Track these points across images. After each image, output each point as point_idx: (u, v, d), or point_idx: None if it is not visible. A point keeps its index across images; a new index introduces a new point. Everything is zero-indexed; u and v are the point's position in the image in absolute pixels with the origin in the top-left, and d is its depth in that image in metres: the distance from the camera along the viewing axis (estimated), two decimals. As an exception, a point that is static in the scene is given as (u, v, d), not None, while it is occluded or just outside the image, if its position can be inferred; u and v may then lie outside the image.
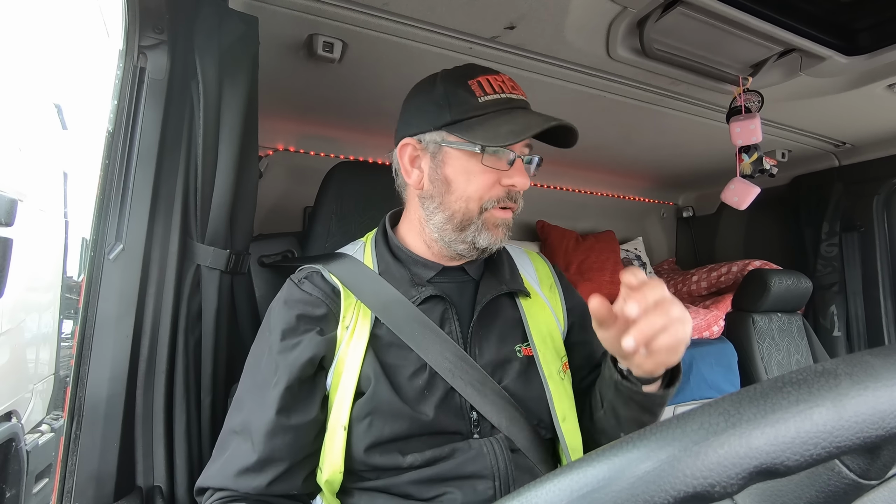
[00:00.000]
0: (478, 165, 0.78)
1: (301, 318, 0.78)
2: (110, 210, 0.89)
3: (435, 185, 0.81)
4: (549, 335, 0.87)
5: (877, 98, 1.46)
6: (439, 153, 0.80)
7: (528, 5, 1.05)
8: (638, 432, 0.29)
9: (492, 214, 0.80)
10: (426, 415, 0.75)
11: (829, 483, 0.30)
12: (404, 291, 0.81)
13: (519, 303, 0.88)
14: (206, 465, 0.77)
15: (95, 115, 1.07)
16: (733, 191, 1.41)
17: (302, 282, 0.83)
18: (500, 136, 0.74)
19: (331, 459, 0.74)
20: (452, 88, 0.79)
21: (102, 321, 0.87)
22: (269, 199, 1.73)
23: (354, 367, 0.75)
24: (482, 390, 0.77)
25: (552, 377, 0.83)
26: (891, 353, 0.27)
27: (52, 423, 2.96)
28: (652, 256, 2.71)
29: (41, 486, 2.78)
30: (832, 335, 2.17)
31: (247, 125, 0.95)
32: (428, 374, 0.77)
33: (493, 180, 0.79)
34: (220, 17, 0.91)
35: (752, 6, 1.08)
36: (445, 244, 0.82)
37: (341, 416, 0.74)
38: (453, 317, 0.82)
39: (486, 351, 0.82)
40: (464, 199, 0.79)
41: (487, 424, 0.77)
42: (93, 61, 3.29)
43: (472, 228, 0.80)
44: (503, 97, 0.78)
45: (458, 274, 0.87)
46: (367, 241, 0.91)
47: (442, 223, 0.81)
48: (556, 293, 0.95)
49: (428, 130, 0.80)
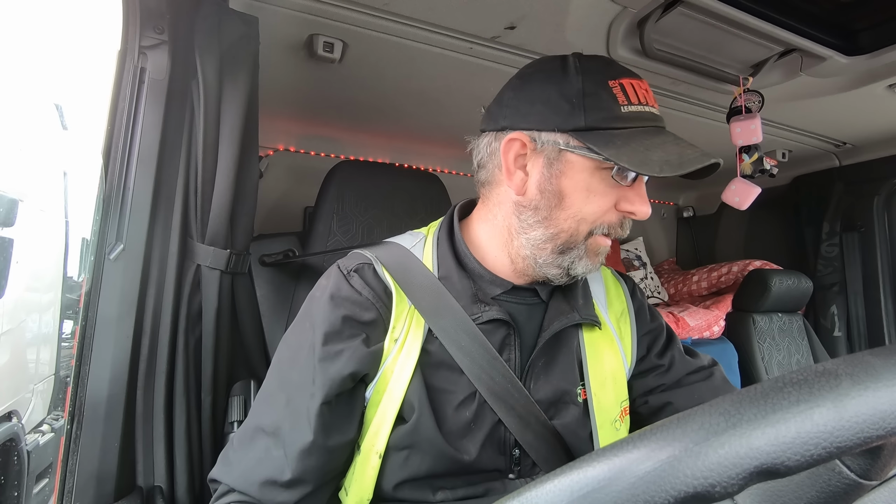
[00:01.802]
0: (601, 184, 0.67)
1: (347, 320, 0.69)
2: (110, 210, 0.89)
3: (544, 195, 0.69)
4: (611, 376, 0.77)
5: (877, 98, 1.46)
6: (558, 160, 0.68)
7: (528, 5, 1.05)
8: (638, 432, 0.29)
9: (596, 241, 0.70)
10: (468, 454, 0.68)
11: (829, 483, 0.30)
12: (465, 306, 0.71)
13: (581, 336, 0.77)
14: (224, 455, 0.70)
15: (95, 115, 1.06)
16: (734, 191, 1.41)
17: (351, 275, 0.72)
18: (652, 163, 0.62)
19: (360, 486, 0.69)
20: (593, 87, 0.66)
21: (103, 321, 0.87)
22: (270, 199, 1.73)
23: (399, 389, 0.68)
24: (527, 419, 0.70)
25: (604, 427, 0.74)
26: (891, 354, 0.27)
27: (52, 423, 2.96)
28: (652, 256, 2.71)
29: (41, 486, 2.78)
30: (833, 335, 2.17)
31: (247, 125, 0.95)
32: (476, 404, 0.69)
33: (611, 203, 0.68)
34: (221, 17, 0.91)
35: (753, 6, 1.08)
36: (536, 264, 0.72)
37: (378, 441, 0.68)
38: (515, 344, 0.72)
39: (542, 386, 0.73)
40: (576, 220, 0.68)
41: (529, 462, 0.71)
42: (93, 61, 3.29)
43: (574, 254, 0.70)
44: (646, 111, 0.68)
45: (527, 294, 0.76)
46: (428, 234, 0.80)
47: (540, 241, 0.70)
48: (628, 322, 0.83)
49: (550, 130, 0.67)
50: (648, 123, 0.68)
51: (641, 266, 2.55)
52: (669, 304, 2.44)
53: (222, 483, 0.68)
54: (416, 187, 1.24)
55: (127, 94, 0.89)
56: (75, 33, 3.16)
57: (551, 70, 0.69)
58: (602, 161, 0.65)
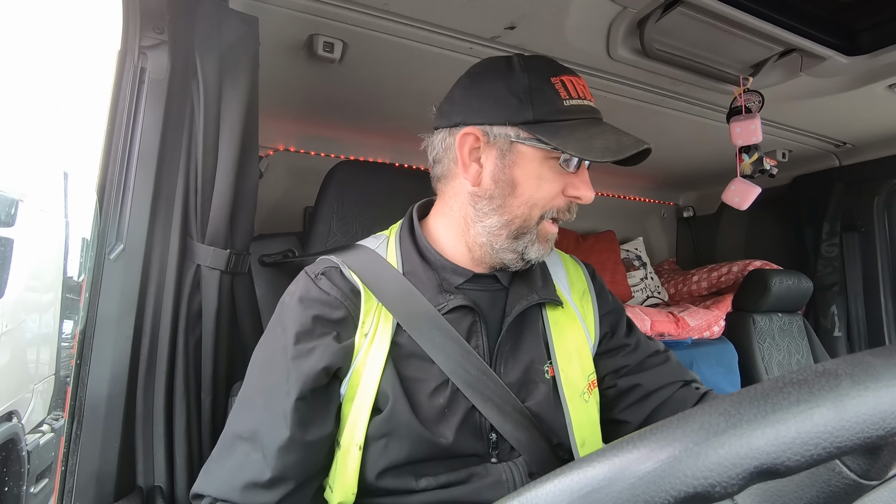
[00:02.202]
0: (549, 171, 0.72)
1: (317, 319, 0.72)
2: (110, 210, 0.89)
3: (498, 185, 0.73)
4: (575, 352, 0.81)
5: (877, 98, 1.46)
6: (510, 151, 0.72)
7: (528, 5, 1.05)
8: (638, 432, 0.29)
9: (544, 227, 0.75)
10: (445, 438, 0.70)
11: (829, 483, 0.30)
12: (430, 297, 0.75)
13: (545, 315, 0.81)
14: (205, 468, 0.72)
15: (95, 115, 1.07)
16: (734, 191, 1.41)
17: (319, 277, 0.76)
18: (595, 150, 0.68)
19: (343, 480, 0.70)
20: (538, 83, 0.71)
21: (103, 321, 0.87)
22: (270, 199, 1.73)
23: (372, 381, 0.70)
24: (503, 408, 0.72)
25: (573, 400, 0.78)
26: (891, 354, 0.27)
27: (52, 423, 2.96)
28: (652, 256, 2.71)
29: (41, 486, 2.78)
30: (833, 335, 2.17)
31: (247, 125, 0.95)
32: (450, 391, 0.72)
33: (559, 189, 0.73)
34: (221, 17, 0.91)
35: (753, 6, 1.08)
36: (493, 251, 0.76)
37: (356, 433, 0.69)
38: (481, 330, 0.76)
39: (511, 369, 0.76)
40: (528, 205, 0.73)
41: (507, 446, 0.73)
42: (93, 61, 3.28)
43: (526, 239, 0.74)
44: (585, 104, 0.73)
45: (489, 281, 0.80)
46: (391, 235, 0.84)
47: (496, 227, 0.74)
48: (589, 301, 0.88)
49: (500, 124, 0.72)
50: (588, 115, 0.73)
51: (641, 266, 2.55)
52: (669, 304, 2.44)
53: (205, 496, 0.69)
54: (415, 187, 1.23)
55: (127, 94, 0.89)
56: (75, 33, 3.15)
57: (499, 69, 0.74)
58: (550, 150, 0.71)
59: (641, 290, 2.47)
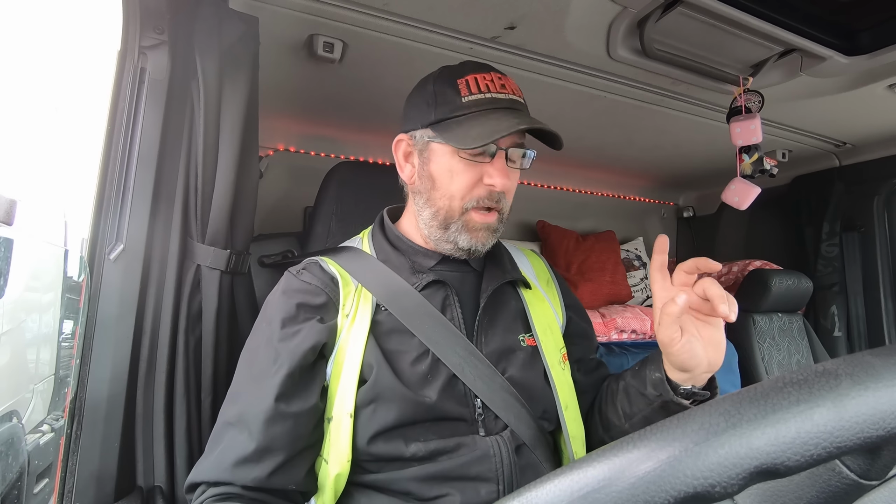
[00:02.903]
0: (459, 164, 0.79)
1: (301, 306, 0.78)
2: (111, 210, 0.89)
3: (423, 181, 0.84)
4: (548, 327, 0.89)
5: (877, 98, 1.46)
6: (426, 150, 0.83)
7: (528, 5, 1.05)
8: (638, 432, 0.29)
9: (470, 217, 0.81)
10: (429, 397, 0.75)
11: (829, 483, 0.30)
12: (405, 279, 0.82)
13: (521, 293, 0.90)
14: (199, 460, 0.74)
15: (95, 115, 1.07)
16: (734, 191, 1.41)
17: (300, 272, 0.83)
18: (469, 138, 0.75)
19: (337, 449, 0.73)
20: (441, 87, 0.81)
21: (103, 321, 0.87)
22: (270, 199, 1.72)
23: (356, 356, 0.75)
24: (483, 377, 0.77)
25: (554, 367, 0.85)
26: (891, 354, 0.27)
27: (52, 423, 2.96)
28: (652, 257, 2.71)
29: (41, 486, 2.78)
30: (833, 335, 2.17)
31: (247, 125, 0.95)
32: (430, 359, 0.77)
33: (475, 178, 0.80)
34: (221, 17, 0.91)
35: (753, 6, 1.08)
36: (434, 240, 0.84)
37: (346, 403, 0.74)
38: (455, 303, 0.82)
39: (491, 340, 0.82)
40: (447, 197, 0.81)
41: (492, 415, 0.77)
42: (93, 61, 3.28)
43: (454, 228, 0.81)
44: (486, 97, 0.78)
45: (459, 264, 0.87)
46: (363, 235, 0.93)
47: (428, 219, 0.83)
48: (554, 288, 0.97)
49: (418, 128, 0.83)
50: (485, 107, 0.78)
51: (641, 266, 2.55)
52: (669, 304, 2.44)
53: (199, 485, 0.72)
54: (416, 187, 1.24)
55: (127, 94, 0.89)
56: (75, 33, 3.15)
57: (423, 81, 0.86)
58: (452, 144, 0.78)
59: (641, 290, 2.47)
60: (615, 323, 1.97)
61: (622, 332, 1.98)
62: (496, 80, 0.81)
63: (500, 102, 0.79)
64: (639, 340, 2.01)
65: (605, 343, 1.94)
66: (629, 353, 1.89)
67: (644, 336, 2.02)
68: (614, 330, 1.97)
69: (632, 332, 2.00)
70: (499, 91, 0.80)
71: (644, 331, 2.02)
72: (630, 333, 2.00)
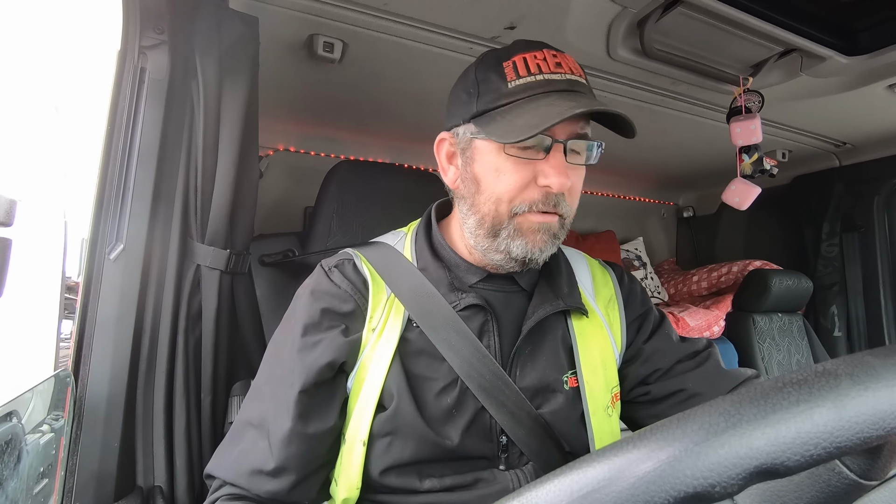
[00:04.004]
0: (507, 162, 0.67)
1: (326, 312, 0.71)
2: (110, 210, 0.89)
3: (466, 184, 0.72)
4: (601, 363, 0.77)
5: (877, 98, 1.46)
6: (469, 148, 0.71)
7: (528, 5, 1.05)
8: (638, 432, 0.29)
9: (526, 218, 0.68)
10: (451, 440, 0.68)
11: (829, 483, 0.30)
12: (443, 294, 0.73)
13: (571, 323, 0.77)
14: (218, 450, 0.72)
15: (95, 115, 1.06)
16: (734, 191, 1.41)
17: (332, 270, 0.76)
18: (515, 129, 0.63)
19: (347, 475, 0.69)
20: (484, 73, 0.69)
21: (103, 321, 0.87)
22: (270, 199, 1.73)
23: (378, 377, 0.69)
24: (515, 413, 0.69)
25: (596, 413, 0.74)
26: (891, 354, 0.27)
27: (52, 423, 2.95)
28: (652, 256, 2.71)
29: (41, 486, 2.78)
30: (833, 335, 2.17)
31: (247, 125, 0.95)
32: (458, 391, 0.70)
33: (526, 179, 0.67)
34: (221, 17, 0.91)
35: (753, 6, 1.08)
36: (481, 252, 0.73)
37: (360, 429, 0.68)
38: (493, 330, 0.73)
39: (528, 374, 0.73)
40: (493, 201, 0.69)
41: (516, 451, 0.71)
42: (93, 61, 3.28)
43: (504, 235, 0.69)
44: (538, 79, 0.66)
45: (505, 282, 0.77)
46: (408, 231, 0.83)
47: (474, 227, 0.72)
48: (616, 308, 0.83)
49: (460, 123, 0.71)
50: (537, 90, 0.66)
51: (641, 266, 2.55)
52: (669, 304, 2.44)
53: (216, 478, 0.70)
54: (415, 187, 1.24)
55: (127, 94, 0.89)
56: (75, 33, 3.15)
57: (465, 71, 0.74)
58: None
59: (641, 290, 2.47)
60: (615, 323, 1.97)
61: (622, 332, 1.98)
62: (550, 59, 0.67)
63: (554, 84, 0.66)
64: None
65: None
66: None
67: (644, 336, 2.02)
68: (614, 330, 1.96)
69: (632, 332, 2.00)
70: (553, 71, 0.66)
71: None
72: (630, 333, 2.00)
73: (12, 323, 1.16)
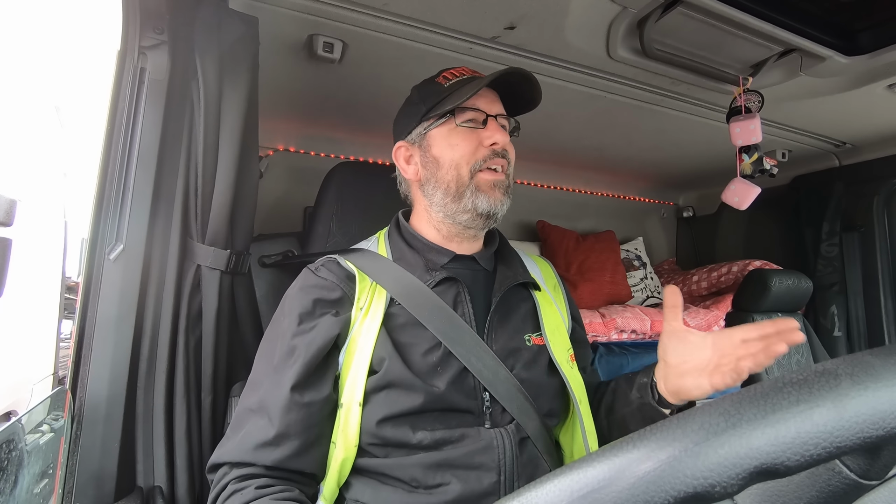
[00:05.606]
0: (456, 136, 0.85)
1: (317, 302, 0.82)
2: (110, 210, 0.89)
3: (428, 168, 0.88)
4: (557, 328, 0.91)
5: (877, 98, 1.46)
6: (424, 141, 0.88)
7: (528, 5, 1.05)
8: (638, 432, 0.29)
9: (480, 178, 0.85)
10: (437, 388, 0.77)
11: (829, 483, 0.30)
12: (419, 276, 0.84)
13: (533, 294, 0.93)
14: (221, 443, 0.78)
15: (95, 115, 1.06)
16: (734, 191, 1.41)
17: (318, 269, 0.87)
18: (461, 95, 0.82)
19: (346, 434, 0.76)
20: (423, 88, 0.90)
21: (103, 321, 0.87)
22: (270, 200, 1.73)
23: (367, 347, 0.78)
24: (497, 373, 0.80)
25: (564, 364, 0.87)
26: (891, 353, 0.27)
27: (52, 423, 2.95)
28: (652, 256, 2.71)
29: (41, 486, 2.78)
30: (833, 335, 2.17)
31: (247, 125, 0.95)
32: (442, 351, 0.79)
33: (474, 144, 0.85)
34: (221, 17, 0.91)
35: (752, 6, 1.08)
36: (451, 219, 0.87)
37: (356, 392, 0.76)
38: (466, 300, 0.85)
39: (500, 338, 0.85)
40: (454, 168, 0.85)
41: (499, 408, 0.80)
42: (93, 61, 3.28)
43: (468, 194, 0.84)
44: (466, 77, 0.87)
45: (470, 262, 0.91)
46: (380, 235, 0.96)
47: (442, 198, 0.86)
48: (560, 293, 1.00)
49: (412, 129, 0.89)
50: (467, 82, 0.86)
51: (641, 266, 2.55)
52: (669, 304, 2.44)
53: (221, 465, 0.76)
54: (415, 187, 1.24)
55: (127, 94, 0.89)
56: (75, 33, 3.15)
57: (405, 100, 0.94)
58: (445, 120, 0.86)
59: (641, 290, 2.47)
60: (615, 323, 1.97)
61: (622, 332, 1.98)
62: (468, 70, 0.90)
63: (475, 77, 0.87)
64: (638, 340, 2.01)
65: (605, 343, 1.94)
66: (629, 353, 1.89)
67: (644, 336, 2.02)
68: (614, 330, 1.97)
69: (632, 332, 2.00)
70: (474, 73, 0.89)
71: (644, 331, 2.02)
72: (630, 333, 2.00)
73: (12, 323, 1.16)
